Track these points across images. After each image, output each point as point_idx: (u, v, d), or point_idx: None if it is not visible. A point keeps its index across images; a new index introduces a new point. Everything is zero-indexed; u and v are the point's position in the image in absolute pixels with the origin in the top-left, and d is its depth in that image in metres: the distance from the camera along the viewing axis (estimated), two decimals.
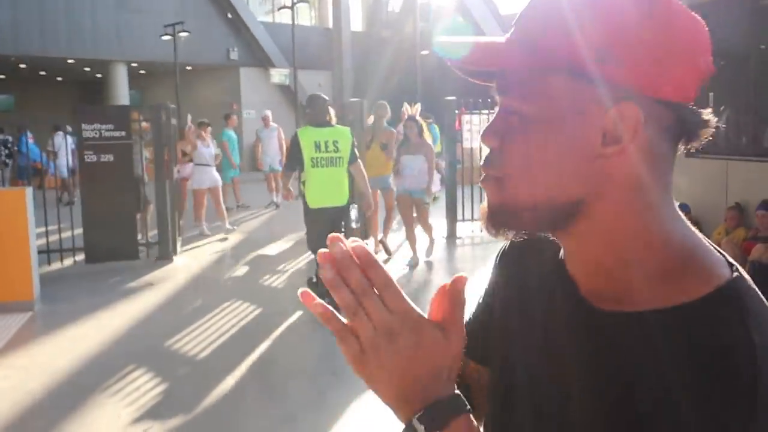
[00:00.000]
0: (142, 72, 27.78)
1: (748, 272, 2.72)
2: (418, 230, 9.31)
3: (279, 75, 26.80)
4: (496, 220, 0.85)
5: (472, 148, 11.76)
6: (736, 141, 9.25)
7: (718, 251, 0.85)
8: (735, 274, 0.81)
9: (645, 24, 0.78)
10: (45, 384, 5.40)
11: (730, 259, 0.84)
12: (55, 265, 9.39)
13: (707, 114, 0.82)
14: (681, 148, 0.84)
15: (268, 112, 15.31)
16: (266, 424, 4.72)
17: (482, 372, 1.07)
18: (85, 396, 5.17)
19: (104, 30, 23.41)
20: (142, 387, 5.34)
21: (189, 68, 26.32)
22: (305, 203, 7.00)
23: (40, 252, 8.32)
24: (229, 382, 5.42)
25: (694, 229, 0.86)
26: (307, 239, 7.35)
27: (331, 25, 29.18)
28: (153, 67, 26.55)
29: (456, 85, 7.78)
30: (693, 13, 0.81)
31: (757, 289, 0.81)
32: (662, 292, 0.80)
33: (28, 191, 7.84)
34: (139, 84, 28.09)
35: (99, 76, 26.78)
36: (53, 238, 9.62)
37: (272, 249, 10.45)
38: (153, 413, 4.83)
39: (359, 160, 7.21)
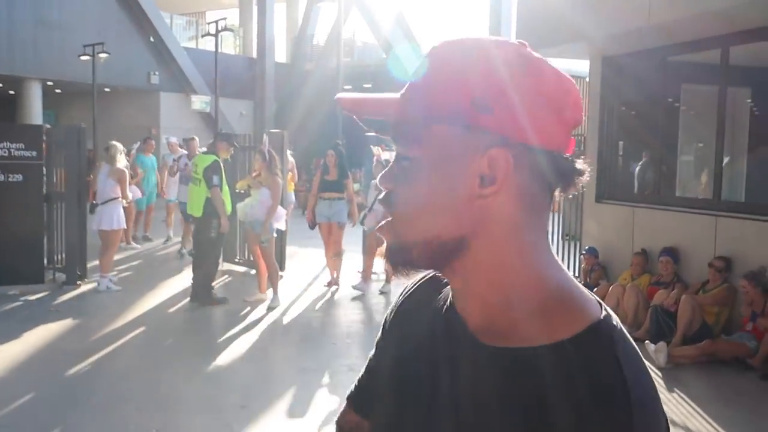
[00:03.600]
0: (57, 91, 27.04)
1: (650, 316, 2.95)
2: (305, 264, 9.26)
3: (200, 102, 26.50)
4: (391, 258, 0.93)
5: None
6: (643, 189, 9.64)
7: (589, 292, 0.93)
8: (604, 313, 0.89)
9: (519, 80, 0.88)
10: None
11: (599, 299, 0.93)
12: None
13: (581, 163, 0.91)
14: (557, 193, 0.93)
15: (174, 139, 14.41)
16: None
17: (362, 425, 1.16)
18: None
19: (20, 45, 22.71)
20: (41, 416, 5.13)
21: (107, 90, 25.78)
22: None
23: None
24: (133, 414, 5.27)
25: (566, 270, 0.94)
26: None
27: (255, 54, 29.14)
28: (70, 87, 25.86)
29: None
30: (564, 74, 0.91)
31: (622, 326, 0.90)
32: (541, 329, 0.87)
33: None
34: (54, 103, 27.32)
35: (12, 92, 25.93)
36: None
37: (181, 278, 10.24)
38: None
39: (215, 187, 8.42)
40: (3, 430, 4.88)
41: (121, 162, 9.66)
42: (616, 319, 0.90)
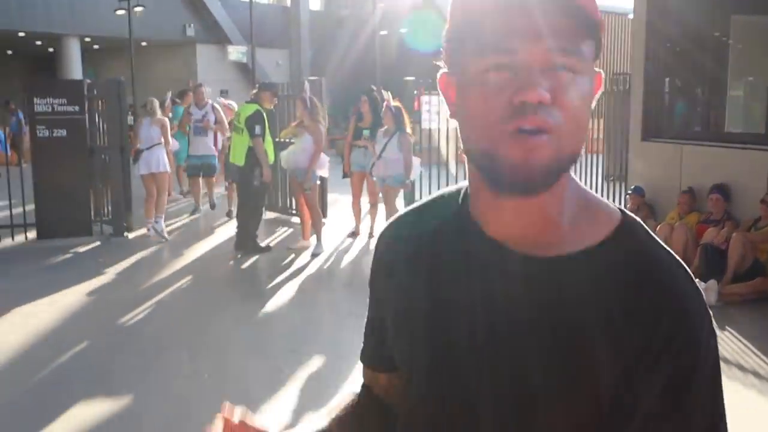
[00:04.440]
0: (96, 47, 27.20)
1: (700, 254, 2.99)
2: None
3: (236, 52, 26.48)
4: (552, 173, 0.91)
5: (430, 129, 11.71)
6: (690, 126, 9.42)
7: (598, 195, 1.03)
8: (621, 210, 0.99)
9: None
10: None
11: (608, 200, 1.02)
12: (6, 242, 9.19)
13: None
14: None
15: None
16: (223, 401, 4.66)
17: (392, 379, 1.18)
18: (38, 372, 5.07)
19: (57, 2, 22.80)
20: (96, 362, 5.26)
21: (144, 44, 25.85)
22: None
23: None
24: (184, 360, 5.37)
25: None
26: None
27: (289, 3, 28.91)
28: (107, 42, 26.00)
29: (415, 66, 7.75)
30: None
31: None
32: (575, 235, 0.95)
33: None
34: (93, 59, 27.49)
35: (51, 50, 26.14)
36: (4, 213, 9.38)
37: (225, 228, 10.32)
38: (106, 389, 4.75)
39: (258, 137, 8.34)
40: (60, 377, 5.00)
41: (160, 114, 9.83)
42: (632, 215, 0.98)
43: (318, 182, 8.81)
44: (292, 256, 8.55)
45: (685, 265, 0.95)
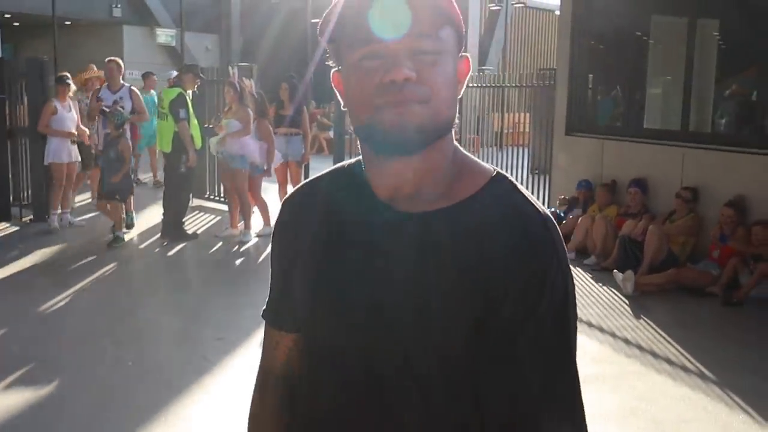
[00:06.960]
0: (16, 24, 26.25)
1: (618, 245, 3.26)
2: None
3: (165, 35, 25.93)
4: (426, 134, 1.07)
5: None
6: (611, 121, 9.71)
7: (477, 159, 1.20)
8: (496, 170, 1.16)
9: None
10: None
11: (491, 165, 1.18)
12: None
13: None
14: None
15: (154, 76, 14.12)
16: (146, 389, 4.63)
17: (297, 341, 1.28)
18: None
19: None
20: (14, 352, 5.14)
21: (68, 23, 25.08)
22: None
23: None
24: (108, 347, 5.30)
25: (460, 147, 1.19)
26: None
27: None
28: (29, 20, 25.10)
29: None
30: None
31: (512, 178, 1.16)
32: (457, 190, 1.12)
33: None
34: (13, 37, 26.53)
35: None
36: None
37: (151, 214, 10.16)
38: (25, 379, 4.66)
39: (183, 121, 8.30)
40: None
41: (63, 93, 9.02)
42: (504, 173, 1.16)
43: (248, 169, 8.74)
44: (220, 243, 8.50)
45: (546, 214, 1.11)
